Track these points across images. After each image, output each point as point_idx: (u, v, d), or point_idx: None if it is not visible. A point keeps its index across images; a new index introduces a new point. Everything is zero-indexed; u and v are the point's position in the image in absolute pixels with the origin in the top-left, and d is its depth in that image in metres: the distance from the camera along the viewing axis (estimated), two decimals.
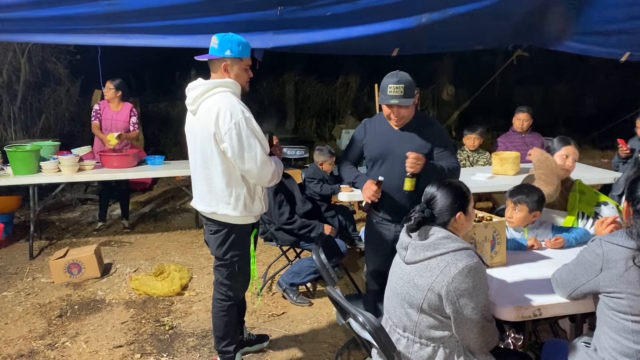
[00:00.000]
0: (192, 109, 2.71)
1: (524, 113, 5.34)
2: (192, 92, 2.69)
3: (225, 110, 2.55)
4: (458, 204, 2.08)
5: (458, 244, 1.99)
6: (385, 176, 2.88)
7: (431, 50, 6.63)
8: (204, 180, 2.73)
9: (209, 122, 2.58)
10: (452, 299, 1.91)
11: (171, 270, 4.39)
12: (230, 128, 2.53)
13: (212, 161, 2.65)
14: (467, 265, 1.92)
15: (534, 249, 2.79)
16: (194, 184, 2.85)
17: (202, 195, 2.76)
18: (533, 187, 2.88)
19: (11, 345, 3.41)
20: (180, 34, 4.60)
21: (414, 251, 2.04)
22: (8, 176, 4.88)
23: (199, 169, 2.74)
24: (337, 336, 3.49)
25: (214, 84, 2.66)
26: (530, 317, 2.14)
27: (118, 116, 5.57)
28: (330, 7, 4.47)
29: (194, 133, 2.73)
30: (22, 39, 5.81)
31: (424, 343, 2.03)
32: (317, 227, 3.97)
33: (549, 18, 5.32)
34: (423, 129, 2.91)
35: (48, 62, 7.90)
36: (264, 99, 10.88)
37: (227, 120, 2.54)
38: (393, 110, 2.83)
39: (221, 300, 2.88)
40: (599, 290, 1.92)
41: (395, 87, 2.75)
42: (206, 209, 2.75)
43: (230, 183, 2.67)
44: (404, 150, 2.82)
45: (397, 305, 2.10)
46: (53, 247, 5.29)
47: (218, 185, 2.68)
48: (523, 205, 2.81)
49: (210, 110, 2.59)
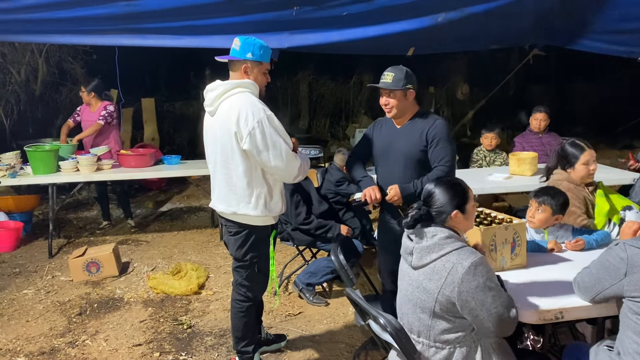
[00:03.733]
0: (211, 110, 2.73)
1: (542, 113, 5.29)
2: (210, 93, 2.71)
3: (246, 109, 2.57)
4: (456, 201, 2.07)
5: (459, 243, 2.00)
6: (386, 174, 3.02)
7: (447, 49, 6.60)
8: (224, 180, 2.73)
9: (229, 122, 2.59)
10: (468, 297, 1.90)
11: (188, 269, 4.42)
12: (253, 127, 2.55)
13: (233, 161, 2.66)
14: (473, 263, 1.92)
15: (554, 252, 2.77)
16: (213, 185, 2.86)
17: (223, 195, 2.76)
18: (559, 191, 2.85)
19: (32, 343, 3.46)
20: (197, 35, 4.62)
21: (419, 255, 2.04)
22: (28, 175, 4.95)
23: (219, 170, 2.75)
24: (355, 336, 3.49)
25: (233, 84, 2.68)
26: (552, 320, 2.12)
27: (93, 116, 5.61)
28: (346, 7, 4.46)
29: (213, 134, 2.74)
30: (41, 40, 5.88)
31: (439, 347, 2.02)
32: (334, 228, 3.97)
33: (566, 17, 5.27)
34: (422, 125, 2.96)
35: (65, 62, 7.98)
36: (277, 98, 10.89)
37: (249, 119, 2.55)
38: (383, 97, 2.97)
39: (240, 301, 2.89)
40: (623, 294, 1.90)
41: (387, 74, 2.92)
42: (226, 209, 2.75)
43: (252, 183, 2.68)
44: (401, 147, 2.95)
45: (409, 311, 2.11)
46: (71, 245, 5.35)
47: (239, 184, 2.68)
48: (547, 207, 2.79)
49: (230, 110, 2.61)
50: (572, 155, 3.13)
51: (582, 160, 3.09)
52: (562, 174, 3.18)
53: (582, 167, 3.09)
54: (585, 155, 3.09)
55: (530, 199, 2.89)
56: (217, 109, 2.69)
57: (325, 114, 11.27)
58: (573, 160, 3.12)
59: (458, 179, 2.19)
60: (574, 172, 3.13)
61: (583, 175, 3.12)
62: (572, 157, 3.13)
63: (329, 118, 11.27)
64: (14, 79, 7.43)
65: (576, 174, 3.12)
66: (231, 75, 2.77)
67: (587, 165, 3.08)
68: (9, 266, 4.82)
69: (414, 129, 2.96)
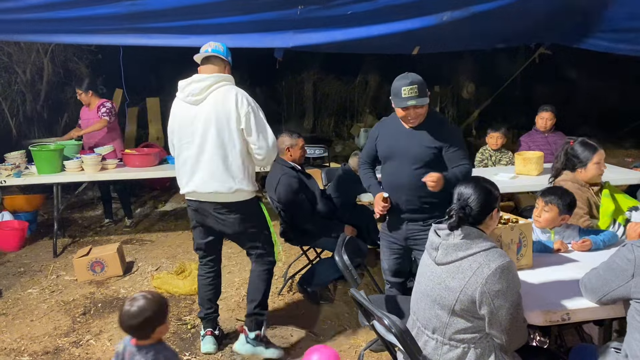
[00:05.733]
0: (197, 99, 2.97)
1: (548, 112, 5.25)
2: (197, 84, 2.97)
3: (241, 96, 2.96)
4: (492, 203, 2.07)
5: (489, 243, 1.97)
6: (393, 174, 2.97)
7: (452, 48, 6.58)
8: (220, 161, 2.96)
9: (227, 107, 2.92)
10: (487, 300, 1.89)
11: (192, 268, 4.41)
12: (248, 111, 2.93)
13: (230, 142, 2.95)
14: (500, 266, 1.89)
15: (561, 252, 2.74)
16: (194, 169, 3.02)
17: (218, 175, 2.97)
18: (566, 191, 2.83)
19: (37, 342, 3.46)
20: (202, 34, 4.62)
21: (444, 252, 2.01)
22: (33, 175, 4.96)
23: (209, 152, 2.96)
24: (359, 337, 3.48)
25: (220, 77, 3.00)
26: (558, 321, 2.10)
27: (92, 114, 5.65)
28: (351, 6, 4.45)
29: (199, 121, 2.96)
30: (46, 40, 5.91)
31: (453, 345, 2.00)
32: (338, 228, 3.96)
33: (572, 15, 5.23)
34: (433, 127, 2.91)
35: (70, 62, 8.00)
36: (282, 98, 10.89)
37: (244, 104, 2.94)
38: (409, 111, 2.84)
39: (264, 270, 3.21)
40: (630, 296, 1.88)
41: (409, 89, 2.77)
42: (221, 187, 2.98)
43: (245, 161, 3.01)
44: (411, 148, 2.89)
45: (426, 307, 2.08)
46: (76, 245, 5.36)
47: (235, 163, 2.97)
48: (554, 206, 2.77)
49: (226, 97, 2.94)
50: (585, 156, 3.10)
51: (594, 159, 3.06)
52: (568, 174, 3.15)
53: (594, 166, 3.06)
54: (598, 155, 3.07)
55: (537, 198, 2.88)
56: (205, 98, 2.96)
57: (330, 113, 11.25)
58: (586, 160, 3.09)
59: (490, 180, 2.19)
60: (586, 171, 3.10)
61: (594, 175, 3.09)
62: (584, 157, 3.10)
63: (334, 117, 11.25)
64: (20, 78, 7.45)
65: (587, 173, 3.09)
66: (211, 69, 3.05)
67: (599, 165, 3.05)
68: (14, 265, 4.84)
69: (425, 131, 2.90)
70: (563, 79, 11.63)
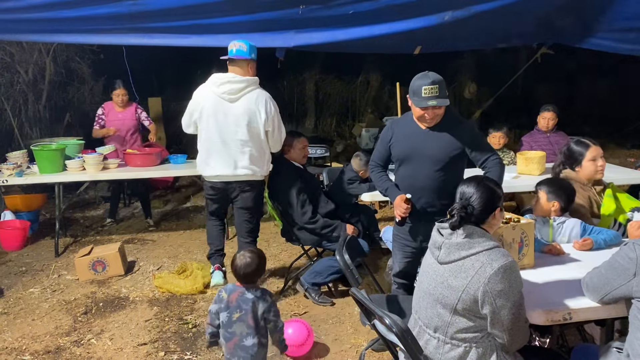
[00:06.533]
0: (233, 98, 3.66)
1: (550, 112, 5.24)
2: (233, 85, 3.64)
3: (270, 102, 3.74)
4: (495, 202, 2.07)
5: (492, 243, 1.96)
6: (412, 176, 2.88)
7: (454, 48, 6.56)
8: (246, 150, 3.71)
9: (259, 108, 3.68)
10: (489, 299, 1.88)
11: (194, 268, 4.42)
12: (274, 115, 3.74)
13: (257, 137, 3.74)
14: (503, 266, 1.89)
15: (552, 253, 2.71)
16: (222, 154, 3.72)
17: (244, 162, 3.73)
18: (557, 179, 2.91)
19: (38, 342, 3.46)
20: (203, 34, 4.62)
21: (447, 251, 2.01)
22: (34, 174, 4.97)
23: (236, 142, 3.71)
24: (360, 336, 3.48)
25: (251, 80, 3.70)
26: (560, 321, 2.10)
27: (125, 115, 5.80)
28: (352, 6, 4.44)
29: (232, 115, 3.67)
30: (48, 39, 5.90)
31: (455, 344, 2.00)
32: (340, 227, 3.95)
33: (575, 15, 5.22)
34: (451, 128, 2.86)
35: (72, 62, 7.99)
36: (284, 97, 10.88)
37: (272, 109, 3.73)
38: (428, 111, 2.78)
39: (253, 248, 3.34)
40: (632, 295, 1.87)
41: (430, 89, 2.71)
42: (245, 171, 3.75)
43: (265, 152, 3.85)
44: (430, 149, 2.82)
45: (428, 305, 2.08)
46: (78, 244, 5.37)
47: (257, 153, 3.77)
48: (542, 193, 2.86)
49: (258, 100, 3.69)
50: (578, 153, 3.12)
51: (588, 156, 3.08)
52: (569, 174, 3.16)
53: (589, 163, 3.07)
54: (591, 152, 3.08)
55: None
56: (239, 98, 3.66)
57: (332, 113, 11.23)
58: (580, 157, 3.11)
59: (493, 179, 2.19)
60: (582, 170, 3.11)
61: (591, 172, 3.09)
62: (578, 154, 3.12)
63: (335, 117, 11.23)
64: (22, 78, 7.45)
65: (584, 171, 3.11)
66: (235, 70, 3.71)
67: (595, 162, 3.06)
68: (16, 265, 4.84)
69: (444, 132, 2.85)
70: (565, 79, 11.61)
